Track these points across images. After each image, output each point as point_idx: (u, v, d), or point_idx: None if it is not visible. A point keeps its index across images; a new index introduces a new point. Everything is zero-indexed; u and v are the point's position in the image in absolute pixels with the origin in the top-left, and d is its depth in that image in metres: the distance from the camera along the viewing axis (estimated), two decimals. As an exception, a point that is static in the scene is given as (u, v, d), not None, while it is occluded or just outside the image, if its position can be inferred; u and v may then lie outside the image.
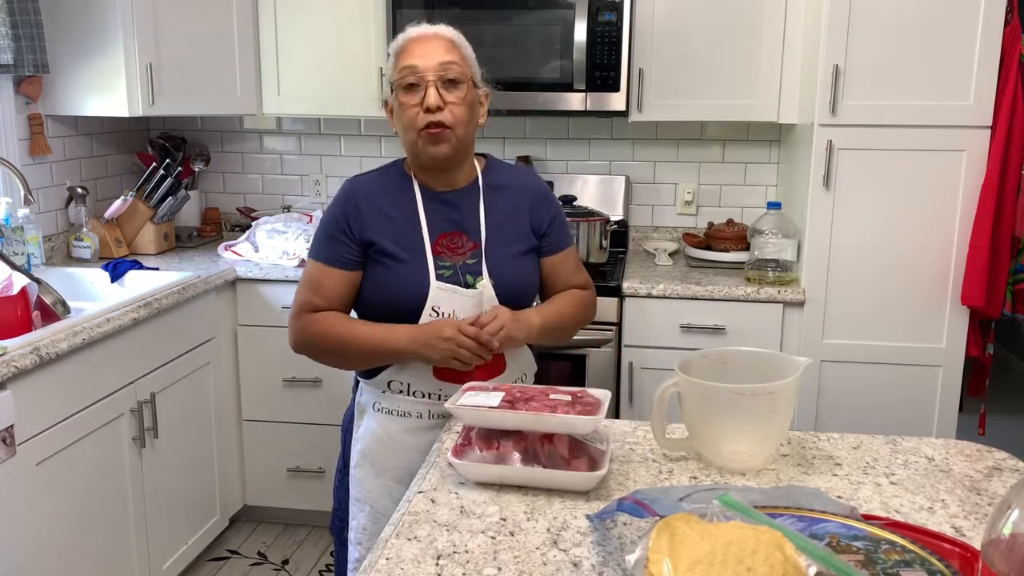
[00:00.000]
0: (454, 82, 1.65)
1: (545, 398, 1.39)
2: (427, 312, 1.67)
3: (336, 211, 1.73)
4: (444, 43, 1.67)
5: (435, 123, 1.63)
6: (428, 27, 1.70)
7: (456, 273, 1.69)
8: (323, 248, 1.72)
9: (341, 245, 1.70)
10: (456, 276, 1.69)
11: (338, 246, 1.70)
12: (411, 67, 1.64)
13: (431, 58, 1.64)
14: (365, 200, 1.72)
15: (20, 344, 2.01)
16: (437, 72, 1.63)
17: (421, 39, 1.67)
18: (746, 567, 0.91)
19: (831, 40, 2.64)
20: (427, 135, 1.64)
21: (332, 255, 1.70)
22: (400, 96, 1.66)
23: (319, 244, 1.73)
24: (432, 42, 1.66)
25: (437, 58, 1.64)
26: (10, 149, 2.84)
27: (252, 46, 3.22)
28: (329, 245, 1.71)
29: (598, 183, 3.40)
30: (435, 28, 1.70)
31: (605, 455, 1.35)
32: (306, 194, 3.66)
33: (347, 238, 1.70)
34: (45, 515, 2.11)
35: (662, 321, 2.84)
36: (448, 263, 1.70)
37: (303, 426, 3.08)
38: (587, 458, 1.35)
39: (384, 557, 1.14)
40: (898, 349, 2.76)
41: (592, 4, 2.91)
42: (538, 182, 1.86)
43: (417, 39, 1.67)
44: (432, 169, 1.72)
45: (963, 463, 1.44)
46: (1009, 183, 2.63)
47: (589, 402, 1.39)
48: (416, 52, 1.65)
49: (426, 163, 1.70)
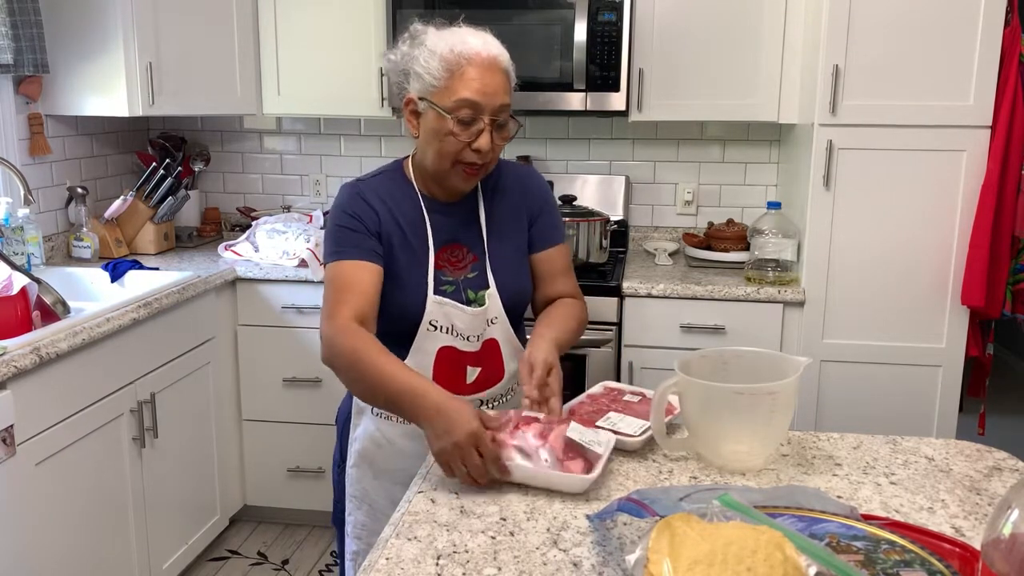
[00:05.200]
0: (504, 124, 1.59)
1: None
2: (424, 327, 1.62)
3: (349, 209, 1.63)
4: (504, 79, 1.56)
5: (477, 163, 1.58)
6: (486, 46, 1.56)
7: (458, 289, 1.65)
8: (345, 247, 1.60)
9: (365, 239, 1.60)
10: (458, 292, 1.65)
11: (364, 238, 1.60)
12: (472, 103, 1.53)
13: (493, 97, 1.54)
14: (378, 201, 1.65)
15: (20, 344, 2.01)
16: (495, 114, 1.55)
17: (483, 66, 1.54)
18: (746, 567, 0.91)
19: (831, 40, 2.64)
20: (465, 173, 1.59)
21: (361, 250, 1.59)
22: (449, 124, 1.54)
23: (339, 245, 1.60)
24: (495, 76, 1.55)
25: (498, 100, 1.54)
26: (10, 149, 2.84)
27: (252, 46, 3.22)
28: (350, 241, 1.60)
29: (598, 183, 3.40)
30: (493, 51, 1.56)
31: (601, 459, 1.35)
32: (306, 194, 3.66)
33: (368, 233, 1.60)
34: (45, 515, 2.11)
35: (662, 321, 2.84)
36: (451, 278, 1.65)
37: (303, 426, 3.08)
38: (582, 460, 1.35)
39: (384, 557, 1.14)
40: (898, 349, 2.76)
41: (592, 4, 2.91)
42: (530, 175, 1.80)
43: (479, 64, 1.54)
44: (446, 187, 1.67)
45: (963, 463, 1.44)
46: (1009, 183, 2.63)
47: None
48: (477, 84, 1.53)
49: (448, 188, 1.65)
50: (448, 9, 2.96)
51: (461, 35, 1.57)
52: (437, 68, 1.54)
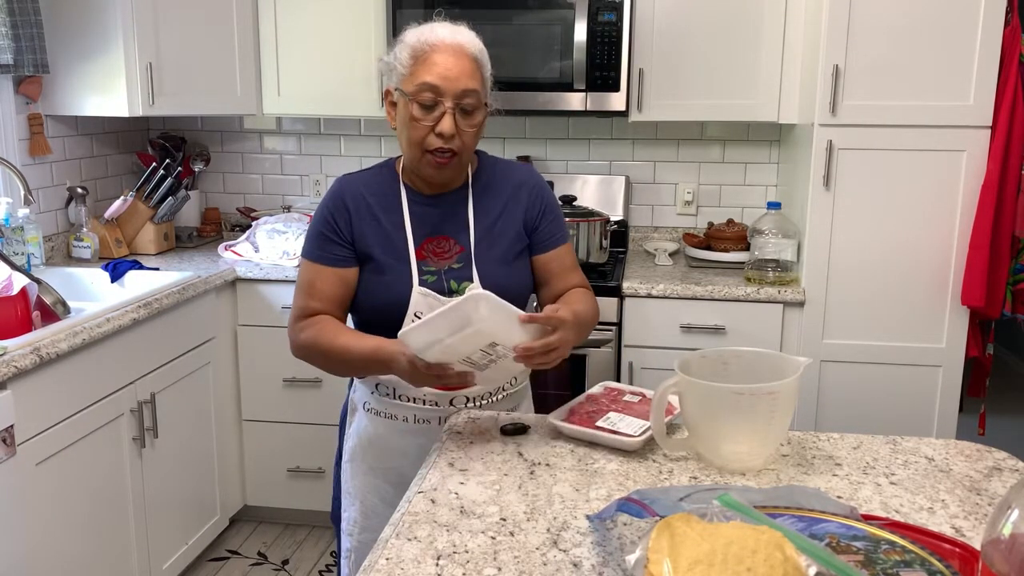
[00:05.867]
0: (471, 111, 1.60)
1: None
2: (409, 317, 1.63)
3: (325, 210, 1.69)
4: (469, 64, 1.58)
5: (445, 149, 1.59)
6: (453, 35, 1.60)
7: (440, 279, 1.66)
8: (314, 247, 1.68)
9: (331, 243, 1.66)
10: (439, 282, 1.65)
11: (328, 244, 1.66)
12: (431, 87, 1.55)
13: (454, 82, 1.56)
14: (354, 200, 1.68)
15: (20, 344, 2.01)
16: (457, 99, 1.56)
17: (447, 51, 1.57)
18: (746, 567, 0.91)
19: (831, 40, 2.64)
20: (433, 160, 1.61)
21: (323, 253, 1.67)
22: (412, 108, 1.58)
23: (310, 243, 1.69)
24: (459, 60, 1.57)
25: (460, 84, 1.56)
26: (10, 149, 2.84)
27: (252, 46, 3.22)
28: (320, 243, 1.67)
29: (598, 183, 3.40)
30: (460, 39, 1.60)
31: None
32: (306, 194, 3.66)
33: (337, 236, 1.66)
34: (45, 515, 2.11)
35: (662, 321, 2.84)
36: (433, 268, 1.66)
37: (303, 426, 3.08)
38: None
39: (384, 557, 1.14)
40: (898, 349, 2.76)
41: (592, 4, 2.91)
42: (530, 175, 1.79)
43: (443, 50, 1.57)
44: (424, 178, 1.68)
45: (963, 463, 1.44)
46: (1009, 183, 2.63)
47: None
48: (439, 68, 1.56)
49: (426, 179, 1.67)
50: (448, 9, 2.94)
51: (432, 27, 1.62)
52: (406, 57, 1.60)
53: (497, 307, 1.39)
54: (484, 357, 1.46)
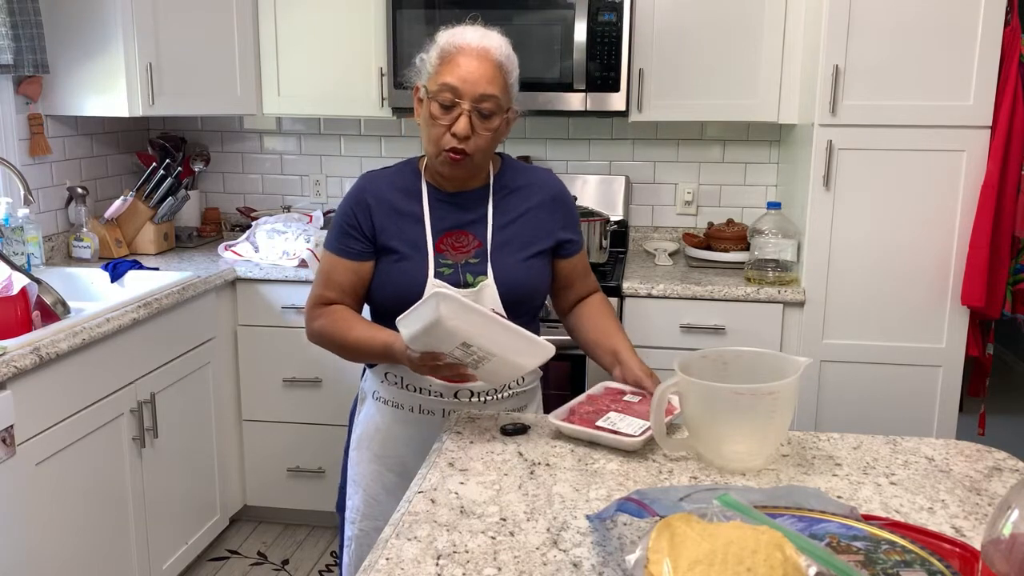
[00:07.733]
0: (488, 115, 1.63)
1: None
2: None
3: (347, 205, 1.75)
4: (492, 68, 1.61)
5: (458, 149, 1.63)
6: (481, 39, 1.62)
7: (456, 271, 1.70)
8: (333, 238, 1.75)
9: (350, 237, 1.72)
10: (455, 275, 1.69)
11: (346, 238, 1.73)
12: (451, 88, 1.59)
13: (473, 85, 1.59)
14: (375, 197, 1.73)
15: (20, 344, 2.01)
16: (475, 102, 1.60)
17: (472, 54, 1.60)
18: (746, 567, 0.91)
19: (831, 40, 2.64)
20: (447, 157, 1.64)
21: (341, 246, 1.73)
22: (432, 107, 1.63)
23: (332, 235, 1.76)
24: (481, 64, 1.60)
25: (479, 88, 1.59)
26: (10, 149, 2.84)
27: (252, 46, 3.22)
28: (339, 236, 1.74)
29: (598, 183, 3.40)
30: (487, 43, 1.62)
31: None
32: (306, 194, 3.66)
33: (357, 232, 1.72)
34: (45, 515, 2.11)
35: (662, 321, 2.84)
36: (450, 261, 1.70)
37: (303, 426, 3.08)
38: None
39: (384, 557, 1.14)
40: (898, 349, 2.76)
41: (592, 4, 2.91)
42: (555, 182, 1.86)
43: (468, 53, 1.60)
44: (442, 175, 1.73)
45: (963, 463, 1.44)
46: (1009, 183, 2.63)
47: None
48: (461, 70, 1.59)
49: (444, 176, 1.72)
50: (448, 9, 2.96)
51: (464, 29, 1.65)
52: (434, 57, 1.65)
53: (464, 309, 1.42)
54: (466, 356, 1.48)
